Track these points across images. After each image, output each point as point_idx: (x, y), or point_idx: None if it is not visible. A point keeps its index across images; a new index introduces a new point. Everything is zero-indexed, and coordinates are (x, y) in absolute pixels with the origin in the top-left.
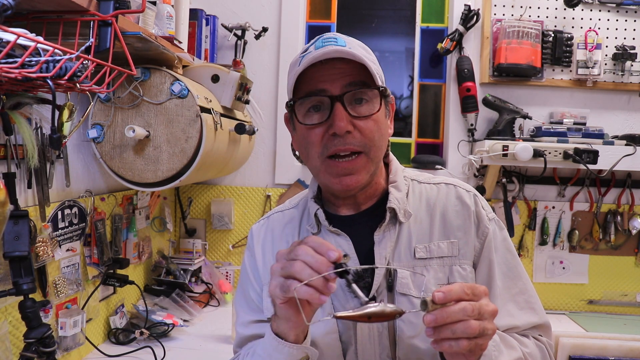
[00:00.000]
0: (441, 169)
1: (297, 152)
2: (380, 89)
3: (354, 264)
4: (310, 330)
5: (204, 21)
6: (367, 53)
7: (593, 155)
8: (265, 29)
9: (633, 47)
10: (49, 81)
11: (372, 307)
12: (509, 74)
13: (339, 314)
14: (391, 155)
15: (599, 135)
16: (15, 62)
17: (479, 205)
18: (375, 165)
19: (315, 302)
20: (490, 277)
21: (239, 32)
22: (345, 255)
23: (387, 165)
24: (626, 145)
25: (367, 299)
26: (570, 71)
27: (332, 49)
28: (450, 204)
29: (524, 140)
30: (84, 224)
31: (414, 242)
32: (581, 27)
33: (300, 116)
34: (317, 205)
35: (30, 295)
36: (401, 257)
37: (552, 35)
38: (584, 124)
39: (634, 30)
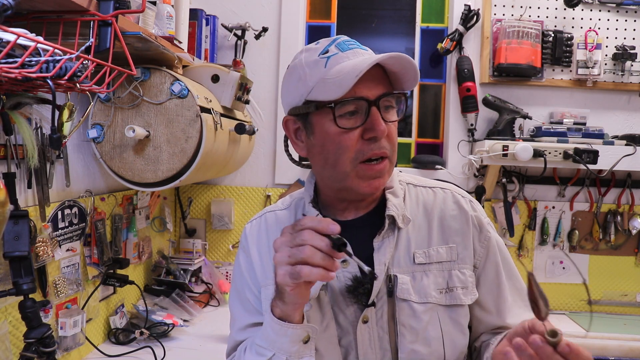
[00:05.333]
0: (441, 169)
1: (293, 157)
2: (407, 95)
3: (353, 269)
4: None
5: (204, 21)
6: None
7: (593, 155)
8: (265, 29)
9: (633, 47)
10: (49, 81)
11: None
12: (509, 74)
13: (534, 275)
14: None
15: (599, 135)
16: (15, 62)
17: (477, 210)
18: (391, 172)
19: (327, 280)
20: (499, 280)
21: (239, 32)
22: (343, 261)
23: None
24: (626, 145)
25: (367, 268)
26: (570, 71)
27: (393, 54)
28: (448, 209)
29: (524, 140)
30: (84, 224)
31: (413, 247)
32: (581, 27)
33: (335, 118)
34: (315, 210)
35: (30, 295)
36: (400, 263)
37: (552, 35)
38: (584, 124)
39: (634, 30)
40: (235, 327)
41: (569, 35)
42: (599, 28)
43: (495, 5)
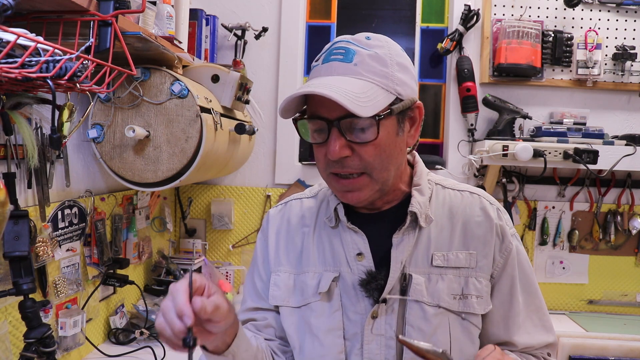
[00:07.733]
0: (441, 169)
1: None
2: (378, 118)
3: (368, 263)
4: (236, 344)
5: (204, 21)
6: (374, 74)
7: (593, 155)
8: (265, 29)
9: (633, 47)
10: (49, 81)
11: (436, 351)
12: (509, 74)
13: (404, 338)
14: (417, 157)
15: (599, 135)
16: (15, 62)
17: (502, 219)
18: (381, 184)
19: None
20: (512, 293)
21: (239, 32)
22: (359, 254)
23: (412, 166)
24: (626, 145)
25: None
26: (570, 71)
27: (323, 82)
28: (474, 214)
29: (524, 140)
30: (84, 224)
31: (432, 248)
32: (581, 27)
33: (310, 132)
34: (337, 199)
35: (30, 295)
36: (418, 263)
37: (552, 35)
38: (584, 124)
39: (634, 30)
40: (242, 307)
41: (569, 35)
42: (599, 28)
43: (495, 5)
